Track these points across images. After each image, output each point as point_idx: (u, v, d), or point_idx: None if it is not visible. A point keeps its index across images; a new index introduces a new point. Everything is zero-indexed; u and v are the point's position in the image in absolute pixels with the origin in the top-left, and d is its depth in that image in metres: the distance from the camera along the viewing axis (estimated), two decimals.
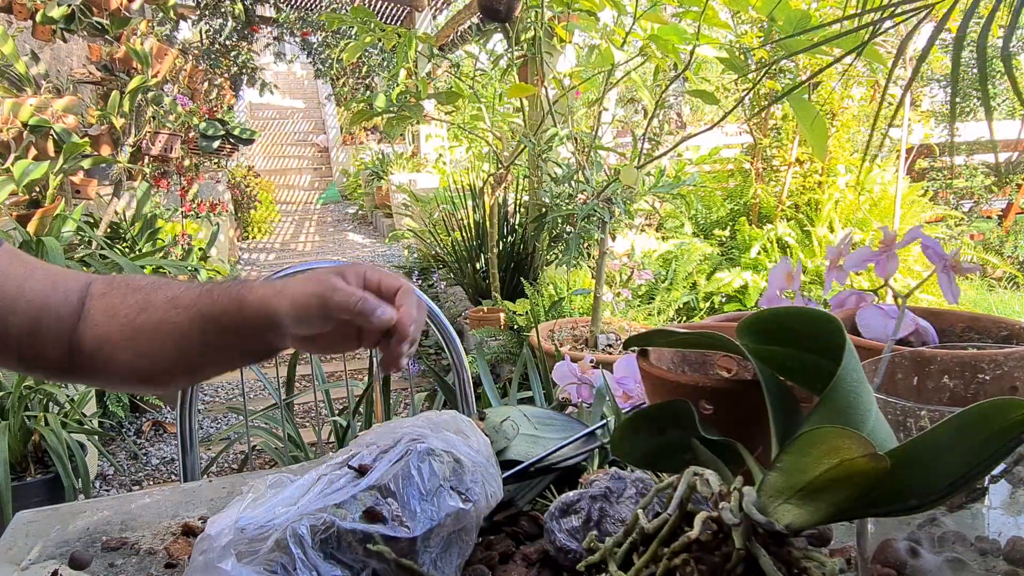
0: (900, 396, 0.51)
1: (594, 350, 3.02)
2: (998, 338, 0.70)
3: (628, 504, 0.56)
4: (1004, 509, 0.43)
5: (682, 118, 6.20)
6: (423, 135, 8.73)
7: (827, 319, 0.51)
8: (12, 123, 3.23)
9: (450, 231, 4.86)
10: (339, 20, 3.36)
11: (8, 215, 3.28)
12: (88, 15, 3.71)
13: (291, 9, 7.89)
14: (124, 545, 0.69)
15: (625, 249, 4.16)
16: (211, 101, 6.28)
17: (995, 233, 6.15)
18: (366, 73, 8.85)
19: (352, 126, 11.82)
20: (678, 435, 0.54)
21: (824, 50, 1.88)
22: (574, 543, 0.54)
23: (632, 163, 2.99)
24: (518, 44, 3.34)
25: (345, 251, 8.31)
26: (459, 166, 7.34)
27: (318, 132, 13.33)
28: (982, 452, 0.39)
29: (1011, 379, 0.57)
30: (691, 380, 0.63)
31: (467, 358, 1.31)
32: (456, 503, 0.52)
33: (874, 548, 0.44)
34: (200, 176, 5.64)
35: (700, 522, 0.44)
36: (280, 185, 11.84)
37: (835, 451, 0.39)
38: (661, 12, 2.52)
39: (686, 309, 4.18)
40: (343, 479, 0.52)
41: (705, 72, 5.06)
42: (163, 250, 4.12)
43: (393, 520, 0.49)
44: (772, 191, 5.01)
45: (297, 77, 13.65)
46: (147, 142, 4.15)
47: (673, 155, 5.13)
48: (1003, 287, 5.54)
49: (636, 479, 0.58)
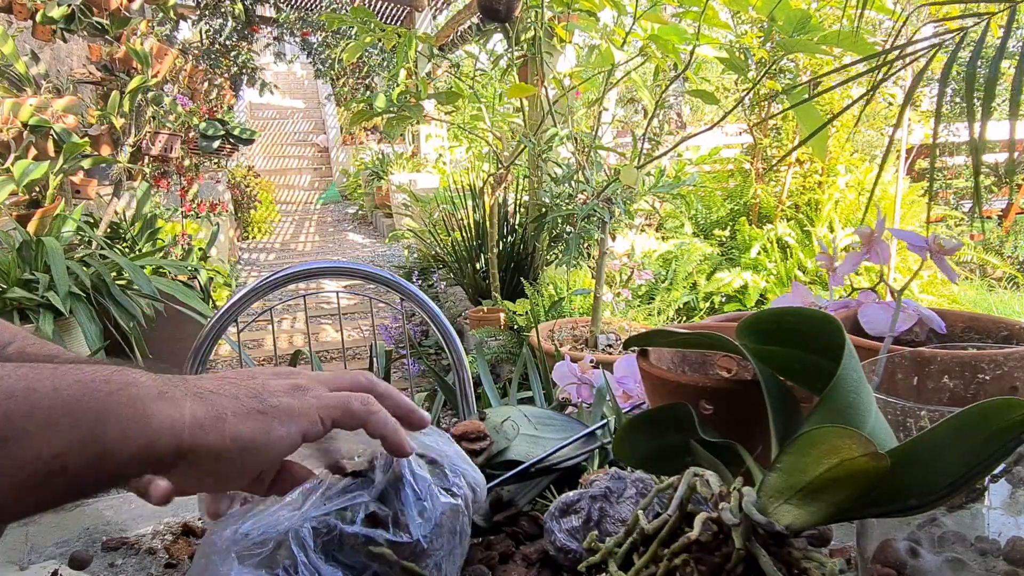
0: (900, 396, 0.51)
1: (594, 350, 3.02)
2: (998, 338, 0.70)
3: (628, 504, 0.56)
4: (1004, 509, 0.43)
5: (682, 118, 6.20)
6: (423, 135, 8.73)
7: (827, 319, 0.51)
8: (12, 123, 3.23)
9: (450, 231, 4.86)
10: (339, 20, 3.36)
11: (8, 215, 3.28)
12: (88, 15, 3.71)
13: (291, 9, 7.90)
14: (124, 545, 0.69)
15: (625, 249, 4.16)
16: (211, 101, 6.28)
17: (995, 233, 6.15)
18: (366, 73, 8.86)
19: (352, 126, 11.82)
20: (678, 437, 0.54)
21: (825, 50, 1.89)
22: (574, 543, 0.54)
23: (632, 163, 2.99)
24: (518, 44, 3.34)
25: (345, 251, 8.31)
26: (459, 166, 7.34)
27: (318, 132, 13.33)
28: (982, 452, 0.39)
29: (1011, 379, 0.57)
30: (691, 380, 0.63)
31: (467, 358, 1.31)
32: (448, 500, 0.52)
33: (874, 548, 0.44)
34: (200, 176, 5.64)
35: (700, 523, 0.44)
36: (280, 185, 11.84)
37: (835, 451, 0.39)
38: (661, 12, 2.52)
39: (686, 309, 4.18)
40: (343, 484, 0.52)
41: (705, 72, 5.06)
42: (163, 250, 4.12)
43: (394, 525, 0.49)
44: (772, 191, 5.01)
45: (297, 77, 13.65)
46: (147, 142, 4.16)
47: (673, 155, 5.13)
48: (1003, 287, 5.54)
49: (636, 479, 0.58)
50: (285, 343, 4.79)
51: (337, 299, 1.64)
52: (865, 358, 0.52)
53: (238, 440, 0.44)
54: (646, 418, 0.57)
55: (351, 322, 5.18)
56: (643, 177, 2.88)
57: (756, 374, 0.53)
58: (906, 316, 0.67)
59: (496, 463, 0.68)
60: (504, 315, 3.70)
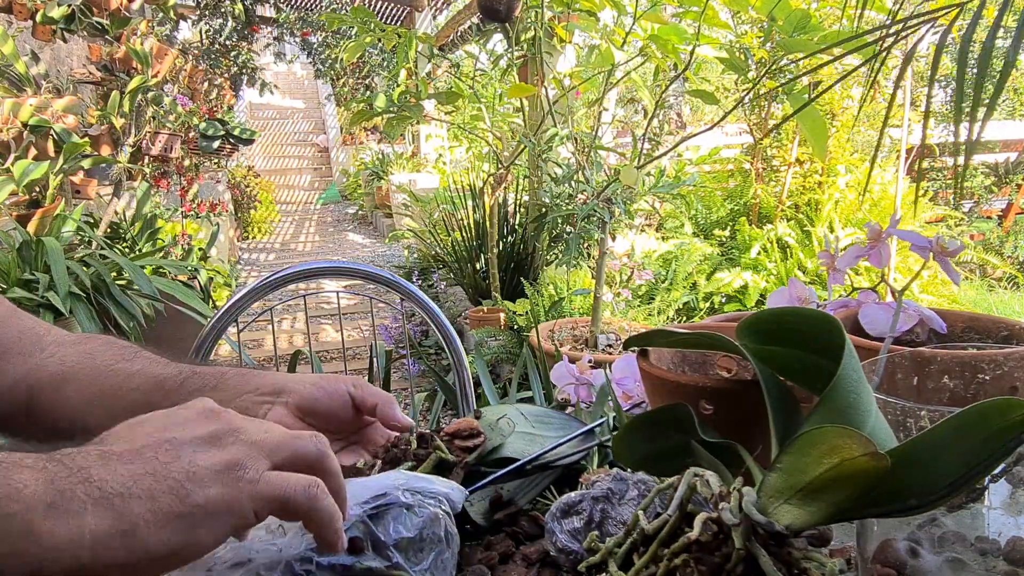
0: (900, 396, 0.51)
1: (594, 350, 3.02)
2: (998, 338, 0.70)
3: (630, 506, 0.56)
4: (1004, 509, 0.43)
5: (682, 118, 6.20)
6: (423, 135, 8.73)
7: (827, 319, 0.51)
8: (12, 123, 3.23)
9: (450, 231, 4.86)
10: (339, 20, 3.36)
11: (8, 215, 3.28)
12: (88, 15, 3.71)
13: (291, 9, 7.90)
14: None
15: (625, 249, 4.17)
16: (211, 101, 6.28)
17: (995, 233, 6.16)
18: (366, 73, 8.86)
19: (352, 126, 11.82)
20: (678, 439, 0.54)
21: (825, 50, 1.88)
22: (576, 544, 0.54)
23: (632, 163, 2.99)
24: (518, 44, 3.34)
25: (345, 251, 8.31)
26: (459, 166, 7.34)
27: (318, 132, 13.34)
28: (982, 452, 0.39)
29: (1011, 379, 0.57)
30: (691, 380, 0.63)
31: (467, 358, 1.31)
32: (427, 509, 0.51)
33: (874, 548, 0.44)
34: (200, 176, 5.64)
35: (700, 523, 0.44)
36: (280, 185, 11.84)
37: (835, 451, 0.39)
38: (661, 12, 2.52)
39: (686, 309, 4.18)
40: None
41: (705, 72, 5.06)
42: (163, 250, 4.12)
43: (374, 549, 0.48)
44: (772, 191, 5.01)
45: (297, 77, 13.66)
46: (147, 142, 4.16)
47: (673, 155, 5.13)
48: (1003, 287, 5.54)
49: (638, 480, 0.58)
50: (285, 343, 4.79)
51: (337, 299, 1.64)
52: (865, 358, 0.52)
53: (152, 553, 0.38)
54: (646, 419, 0.57)
55: (351, 322, 5.18)
56: (643, 177, 2.88)
57: (756, 374, 0.54)
58: (906, 316, 0.67)
59: (490, 460, 0.68)
60: (504, 315, 3.70)
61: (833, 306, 0.75)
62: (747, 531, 0.43)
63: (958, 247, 0.69)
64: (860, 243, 0.74)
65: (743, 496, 0.43)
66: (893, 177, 4.48)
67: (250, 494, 0.41)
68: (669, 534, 0.46)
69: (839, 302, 0.76)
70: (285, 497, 0.42)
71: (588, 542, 0.51)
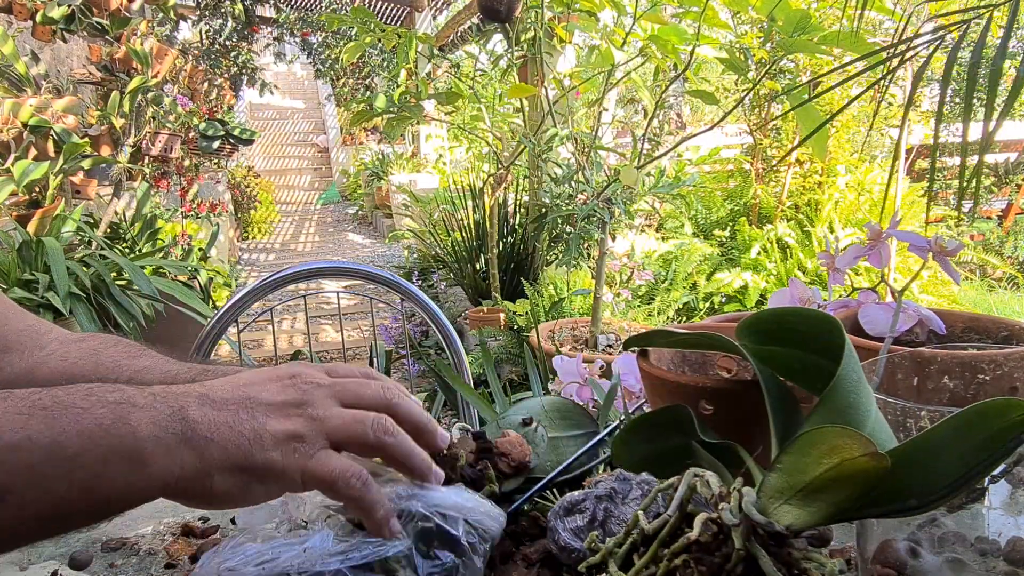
0: (900, 396, 0.51)
1: (594, 350, 3.02)
2: (998, 338, 0.70)
3: (633, 506, 0.56)
4: (1004, 509, 0.43)
5: (682, 118, 6.20)
6: (423, 135, 8.73)
7: (827, 319, 0.51)
8: (12, 123, 3.24)
9: (450, 231, 4.86)
10: (339, 20, 3.36)
11: (8, 215, 3.28)
12: (88, 15, 3.71)
13: (291, 9, 7.90)
14: (124, 545, 0.69)
15: (625, 249, 4.17)
16: (211, 101, 6.28)
17: (995, 233, 6.15)
18: (366, 73, 8.86)
19: (352, 126, 11.82)
20: (678, 440, 0.54)
21: (825, 50, 1.89)
22: (578, 542, 0.54)
23: (632, 163, 2.99)
24: (518, 44, 3.34)
25: (345, 251, 8.31)
26: (459, 166, 7.34)
27: (318, 132, 13.34)
28: (982, 452, 0.39)
29: (1011, 379, 0.57)
30: (691, 380, 0.63)
31: (467, 358, 1.31)
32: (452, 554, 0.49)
33: (874, 548, 0.44)
34: (200, 176, 5.65)
35: (700, 523, 0.44)
36: (280, 185, 11.84)
37: (835, 451, 0.39)
38: (661, 12, 2.52)
39: (686, 309, 4.18)
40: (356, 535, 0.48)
41: (705, 72, 5.06)
42: (163, 250, 4.12)
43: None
44: (772, 191, 5.01)
45: (297, 77, 13.66)
46: (147, 142, 4.16)
47: (673, 155, 5.13)
48: (1003, 287, 5.54)
49: (641, 481, 0.58)
50: (285, 343, 4.79)
51: (337, 299, 1.64)
52: (865, 358, 0.52)
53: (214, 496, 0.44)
54: (646, 421, 0.57)
55: (351, 322, 5.18)
56: (643, 177, 2.88)
57: (756, 374, 0.54)
58: (906, 316, 0.67)
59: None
60: (504, 315, 3.70)
61: (833, 306, 0.75)
62: (747, 531, 0.43)
63: (957, 246, 0.69)
64: (860, 243, 0.74)
65: (743, 496, 0.43)
66: (893, 178, 4.48)
67: (300, 467, 0.45)
68: (669, 534, 0.46)
69: (839, 302, 0.76)
70: (327, 480, 0.46)
71: (589, 542, 0.51)
